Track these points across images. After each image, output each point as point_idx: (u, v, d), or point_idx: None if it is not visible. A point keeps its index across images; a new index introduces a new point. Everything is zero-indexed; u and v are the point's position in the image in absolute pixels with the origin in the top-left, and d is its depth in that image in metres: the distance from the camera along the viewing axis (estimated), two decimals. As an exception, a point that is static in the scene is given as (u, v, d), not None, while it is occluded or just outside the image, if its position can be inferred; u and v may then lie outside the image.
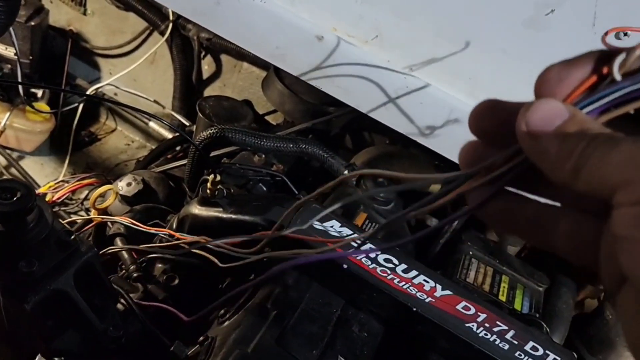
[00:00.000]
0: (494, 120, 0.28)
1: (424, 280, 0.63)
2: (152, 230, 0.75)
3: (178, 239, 0.72)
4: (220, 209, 0.73)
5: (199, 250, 0.68)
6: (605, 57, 0.26)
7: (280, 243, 0.62)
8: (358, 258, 0.64)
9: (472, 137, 0.29)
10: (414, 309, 0.60)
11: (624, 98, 0.25)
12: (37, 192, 0.54)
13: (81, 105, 1.68)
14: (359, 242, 0.55)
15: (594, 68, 0.26)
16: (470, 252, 0.84)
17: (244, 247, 0.64)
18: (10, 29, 1.28)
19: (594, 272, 0.27)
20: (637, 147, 0.22)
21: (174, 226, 0.78)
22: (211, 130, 0.89)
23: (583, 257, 0.27)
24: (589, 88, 0.26)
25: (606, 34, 0.27)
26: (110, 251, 0.75)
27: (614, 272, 0.24)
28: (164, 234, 0.75)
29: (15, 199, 0.52)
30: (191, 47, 1.59)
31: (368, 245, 0.66)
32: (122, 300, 0.66)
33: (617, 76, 0.25)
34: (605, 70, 0.25)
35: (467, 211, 0.29)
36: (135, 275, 0.72)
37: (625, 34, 0.67)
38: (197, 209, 0.75)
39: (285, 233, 0.57)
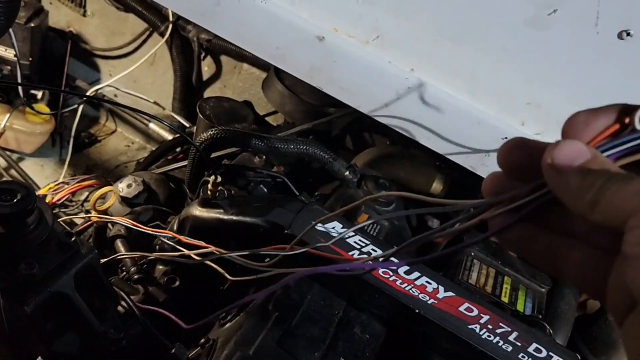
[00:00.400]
0: (522, 155, 0.31)
1: (427, 281, 0.63)
2: (153, 231, 0.74)
3: (184, 242, 0.71)
4: (221, 211, 0.73)
5: (209, 261, 0.67)
6: (628, 109, 0.29)
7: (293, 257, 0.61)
8: (356, 256, 0.63)
9: (495, 168, 0.33)
10: (417, 311, 0.60)
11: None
12: (37, 193, 0.53)
13: (81, 107, 1.68)
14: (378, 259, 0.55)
15: (617, 117, 0.29)
16: (472, 253, 0.84)
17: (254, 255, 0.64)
18: (10, 30, 1.28)
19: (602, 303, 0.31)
20: None
21: (175, 228, 0.78)
22: (212, 131, 0.89)
23: (591, 287, 0.30)
24: (611, 134, 0.29)
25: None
26: (117, 257, 0.74)
27: (622, 301, 0.27)
28: (166, 235, 0.74)
29: (15, 200, 0.51)
30: (191, 48, 1.59)
31: (369, 249, 0.66)
32: (123, 303, 0.65)
33: (638, 126, 0.29)
34: (627, 120, 0.29)
35: (489, 235, 0.33)
36: (135, 277, 0.72)
37: (628, 34, 0.67)
38: (198, 211, 0.75)
39: (307, 249, 0.58)
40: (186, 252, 0.69)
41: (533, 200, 0.31)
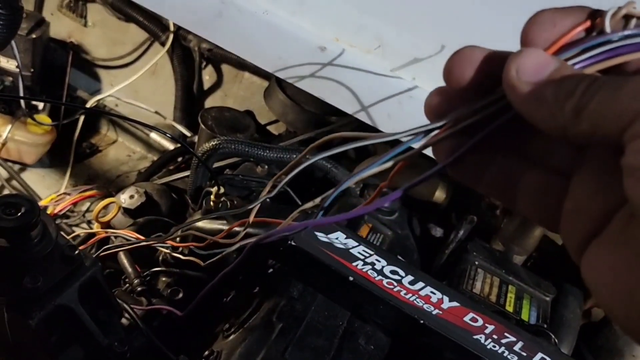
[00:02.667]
0: (474, 68, 0.27)
1: (431, 292, 0.63)
2: (154, 244, 0.74)
3: (182, 251, 0.71)
4: (224, 222, 0.73)
5: (187, 257, 0.67)
6: (597, 12, 0.25)
7: (286, 255, 0.61)
8: (359, 267, 0.63)
9: None
10: (421, 322, 0.60)
11: (610, 54, 0.24)
12: (39, 204, 0.53)
13: (82, 117, 1.68)
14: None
15: (585, 17, 0.25)
16: (476, 262, 0.84)
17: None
18: (12, 41, 1.28)
19: (554, 232, 0.27)
20: None
21: (178, 239, 0.78)
22: (214, 141, 0.89)
23: (545, 215, 0.27)
24: (576, 40, 0.25)
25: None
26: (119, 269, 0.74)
27: (581, 228, 0.24)
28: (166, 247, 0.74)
29: (19, 214, 0.51)
30: (192, 58, 1.60)
31: (372, 259, 0.66)
32: (127, 315, 0.65)
33: (608, 27, 0.24)
34: (597, 21, 0.25)
35: (443, 166, 0.29)
36: (139, 289, 0.72)
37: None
38: (201, 222, 0.75)
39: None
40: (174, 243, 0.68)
41: (487, 118, 0.26)
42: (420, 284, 0.63)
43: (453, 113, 0.27)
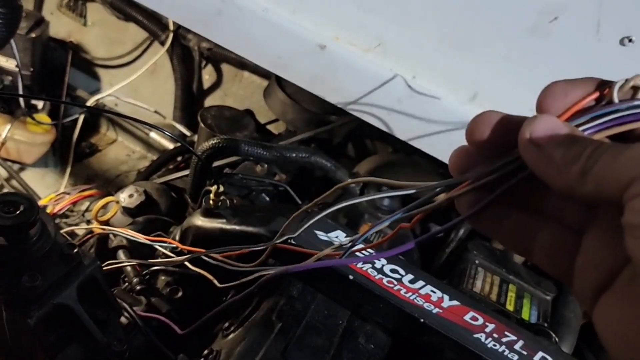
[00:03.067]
0: (493, 131, 0.29)
1: (431, 290, 0.63)
2: (154, 240, 0.74)
3: (181, 250, 0.71)
4: (224, 220, 0.73)
5: (197, 268, 0.67)
6: (606, 82, 0.28)
7: (285, 256, 0.61)
8: (359, 265, 0.63)
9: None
10: (421, 320, 0.60)
11: (618, 121, 0.27)
12: (38, 204, 0.53)
13: (82, 117, 1.68)
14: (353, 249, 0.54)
15: (595, 89, 0.28)
16: (477, 261, 0.83)
17: (246, 260, 0.64)
18: (12, 41, 1.28)
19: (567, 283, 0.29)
20: None
21: (177, 238, 0.77)
22: (213, 140, 0.89)
23: (558, 268, 0.29)
24: (587, 108, 0.28)
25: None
26: (114, 265, 0.74)
27: (592, 280, 0.26)
28: (168, 246, 0.74)
29: (18, 212, 0.51)
30: (192, 57, 1.60)
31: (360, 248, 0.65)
32: (126, 314, 0.65)
33: (616, 98, 0.27)
34: (605, 91, 0.28)
35: (464, 218, 0.31)
36: (138, 288, 0.71)
37: (630, 40, 0.67)
38: (200, 221, 0.75)
39: (281, 241, 0.57)
40: (177, 258, 0.68)
41: (505, 176, 0.29)
42: (421, 283, 0.63)
43: (474, 171, 0.30)
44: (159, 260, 0.73)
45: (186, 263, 0.68)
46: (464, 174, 0.31)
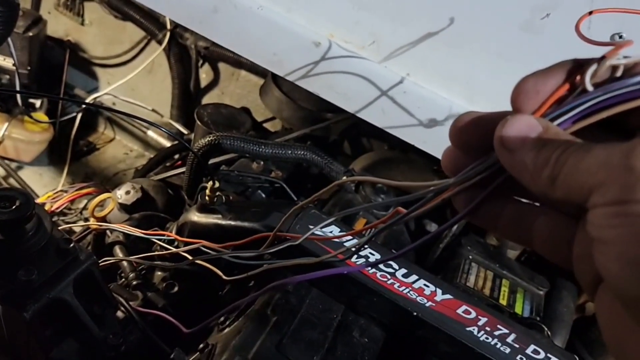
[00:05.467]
0: (474, 133, 0.29)
1: (424, 284, 0.63)
2: (152, 234, 0.74)
3: (178, 244, 0.72)
4: (219, 216, 0.73)
5: (201, 261, 0.67)
6: (578, 66, 0.27)
7: (284, 252, 0.61)
8: (353, 259, 0.64)
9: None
10: (415, 314, 0.60)
11: (594, 108, 0.26)
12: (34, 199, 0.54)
13: (79, 115, 1.69)
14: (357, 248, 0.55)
15: (566, 78, 0.27)
16: (470, 257, 0.84)
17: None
18: (9, 39, 1.28)
19: (570, 270, 0.29)
20: (608, 152, 0.23)
21: (174, 233, 0.78)
22: (210, 137, 0.89)
23: (558, 255, 0.29)
24: (561, 98, 0.27)
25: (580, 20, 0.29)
26: (110, 261, 0.74)
27: (589, 271, 0.26)
28: (165, 240, 0.74)
29: (14, 207, 0.52)
30: (189, 56, 1.60)
31: (367, 252, 0.66)
32: (122, 308, 0.65)
33: (589, 86, 0.26)
34: (577, 79, 0.27)
35: (461, 216, 0.32)
36: (134, 283, 0.72)
37: (620, 37, 0.67)
38: (196, 216, 0.75)
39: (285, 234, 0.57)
40: (176, 250, 0.69)
41: (493, 174, 0.29)
42: (414, 277, 0.64)
43: (461, 173, 0.30)
44: (157, 253, 0.74)
45: (189, 257, 0.68)
46: (453, 174, 0.31)
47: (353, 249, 0.48)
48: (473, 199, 0.30)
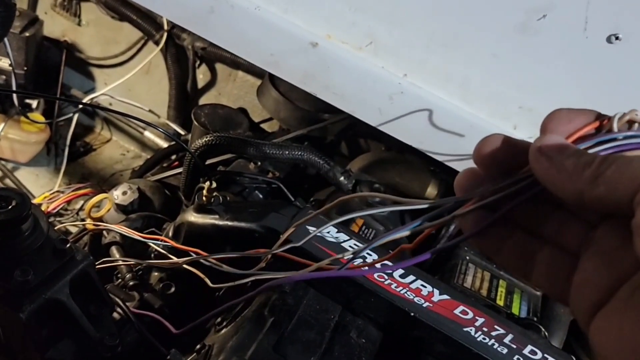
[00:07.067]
0: (500, 151, 0.31)
1: (422, 285, 0.63)
2: (148, 238, 0.74)
3: (173, 247, 0.71)
4: (217, 216, 0.73)
5: (190, 267, 0.67)
6: (603, 116, 0.30)
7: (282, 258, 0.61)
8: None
9: (470, 150, 0.32)
10: (412, 314, 0.60)
11: (617, 149, 0.29)
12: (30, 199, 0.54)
13: (76, 116, 1.68)
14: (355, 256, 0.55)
15: (595, 119, 0.30)
16: (467, 257, 0.84)
17: (242, 260, 0.64)
18: (5, 39, 1.28)
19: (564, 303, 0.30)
20: None
21: (170, 234, 0.78)
22: (207, 138, 0.89)
23: (554, 288, 0.30)
24: (585, 135, 0.30)
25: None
26: (107, 264, 0.74)
27: (588, 298, 0.27)
28: (160, 245, 0.74)
29: (10, 207, 0.52)
30: (186, 57, 1.60)
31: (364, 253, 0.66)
32: (118, 309, 0.65)
33: (615, 127, 0.29)
34: (605, 121, 0.30)
35: (469, 235, 0.33)
36: (131, 283, 0.72)
37: (617, 38, 0.68)
38: (193, 217, 0.75)
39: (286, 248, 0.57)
40: (175, 259, 0.69)
41: (510, 195, 0.30)
42: (411, 277, 0.64)
43: (480, 189, 0.31)
44: (153, 261, 0.73)
45: (180, 262, 0.68)
46: (463, 193, 0.32)
47: (352, 255, 0.48)
48: (483, 221, 0.31)
